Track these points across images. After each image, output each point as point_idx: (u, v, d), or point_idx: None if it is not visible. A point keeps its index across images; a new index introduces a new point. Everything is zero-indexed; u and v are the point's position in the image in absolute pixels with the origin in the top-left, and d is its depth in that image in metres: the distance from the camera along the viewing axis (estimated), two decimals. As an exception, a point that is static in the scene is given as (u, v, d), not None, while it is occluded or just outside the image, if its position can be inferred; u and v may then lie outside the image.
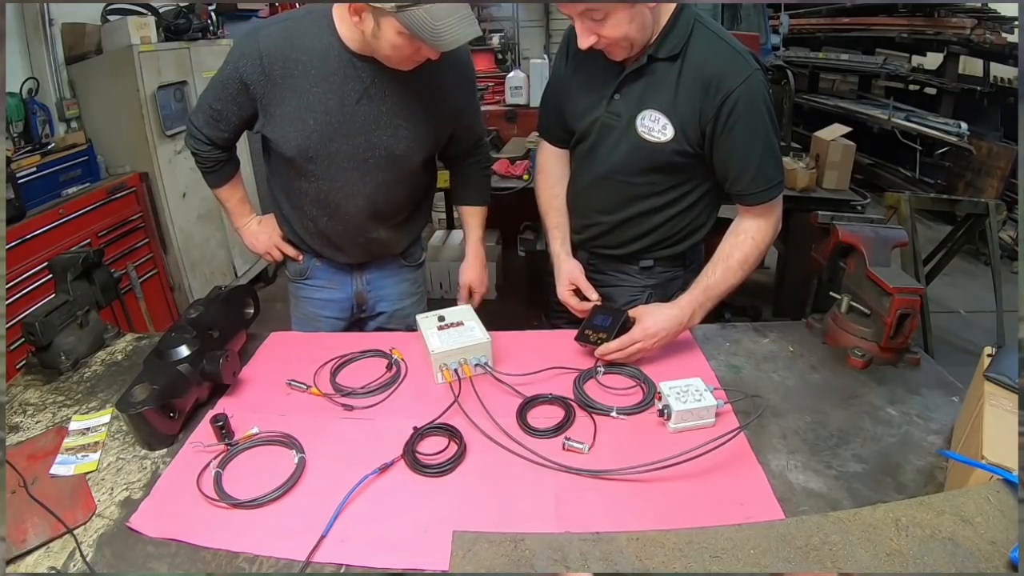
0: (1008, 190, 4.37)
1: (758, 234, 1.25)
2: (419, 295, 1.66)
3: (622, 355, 1.20)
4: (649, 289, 1.43)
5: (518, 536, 0.77)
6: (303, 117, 1.24)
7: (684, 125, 1.19)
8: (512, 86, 3.57)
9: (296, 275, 1.58)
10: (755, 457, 0.97)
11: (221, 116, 1.32)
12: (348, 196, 1.35)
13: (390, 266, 1.57)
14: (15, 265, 2.21)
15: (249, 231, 1.55)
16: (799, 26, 6.90)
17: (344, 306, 1.58)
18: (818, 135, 2.82)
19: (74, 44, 2.86)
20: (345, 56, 1.21)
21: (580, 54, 1.29)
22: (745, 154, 1.19)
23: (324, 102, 1.23)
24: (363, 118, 1.26)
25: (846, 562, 0.70)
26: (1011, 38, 4.30)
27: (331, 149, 1.28)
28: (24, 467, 0.98)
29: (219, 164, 1.44)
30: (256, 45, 1.21)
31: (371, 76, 1.23)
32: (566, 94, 1.35)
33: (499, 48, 7.60)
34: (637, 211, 1.33)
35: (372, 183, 1.34)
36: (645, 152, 1.24)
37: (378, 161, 1.31)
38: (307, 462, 0.98)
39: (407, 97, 1.27)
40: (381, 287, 1.57)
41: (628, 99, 1.23)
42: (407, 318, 1.56)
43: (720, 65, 1.15)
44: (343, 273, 1.54)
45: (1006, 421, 0.84)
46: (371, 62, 1.21)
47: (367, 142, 1.28)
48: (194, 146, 1.41)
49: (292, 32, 1.21)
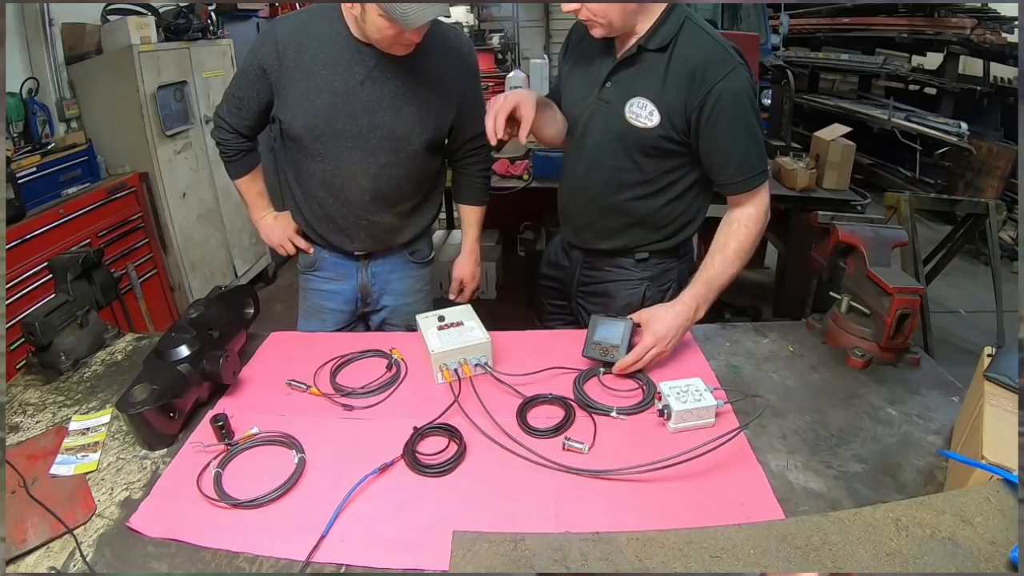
0: (1008, 190, 4.37)
1: (750, 221, 1.28)
2: (424, 293, 1.67)
3: (640, 365, 1.19)
4: (646, 281, 1.44)
5: (518, 536, 0.77)
6: (311, 97, 1.34)
7: (670, 112, 1.24)
8: (512, 86, 3.57)
9: (306, 267, 1.63)
10: (755, 457, 0.97)
11: (243, 104, 1.43)
12: (352, 176, 1.41)
13: (395, 260, 1.59)
14: (15, 265, 2.21)
15: (265, 224, 1.62)
16: (799, 26, 6.90)
17: (349, 298, 1.61)
18: (818, 135, 2.82)
19: (74, 44, 2.86)
20: (351, 42, 1.31)
21: (578, 49, 1.38)
22: (729, 144, 1.24)
23: (331, 83, 1.33)
24: (367, 99, 1.34)
25: (846, 562, 0.70)
26: (1011, 38, 4.31)
27: (336, 128, 1.35)
28: (24, 467, 0.98)
29: (241, 154, 1.52)
30: (273, 34, 1.35)
31: (374, 60, 1.32)
32: (564, 85, 1.43)
33: (499, 48, 7.62)
34: (627, 196, 1.36)
35: (375, 164, 1.40)
36: (633, 137, 1.28)
37: (380, 142, 1.38)
38: (307, 462, 0.98)
39: (409, 81, 1.35)
40: (386, 281, 1.60)
41: (618, 87, 1.28)
42: (410, 315, 1.53)
43: (706, 58, 1.20)
44: (350, 265, 1.58)
45: (1006, 421, 0.84)
46: (375, 48, 1.30)
47: (370, 122, 1.36)
48: (219, 136, 1.50)
49: (305, 22, 1.35)
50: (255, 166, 1.57)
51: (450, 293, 1.69)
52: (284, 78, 1.34)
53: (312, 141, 1.38)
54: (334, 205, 1.47)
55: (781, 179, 2.76)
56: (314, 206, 1.50)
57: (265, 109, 1.43)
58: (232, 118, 1.46)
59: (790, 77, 3.22)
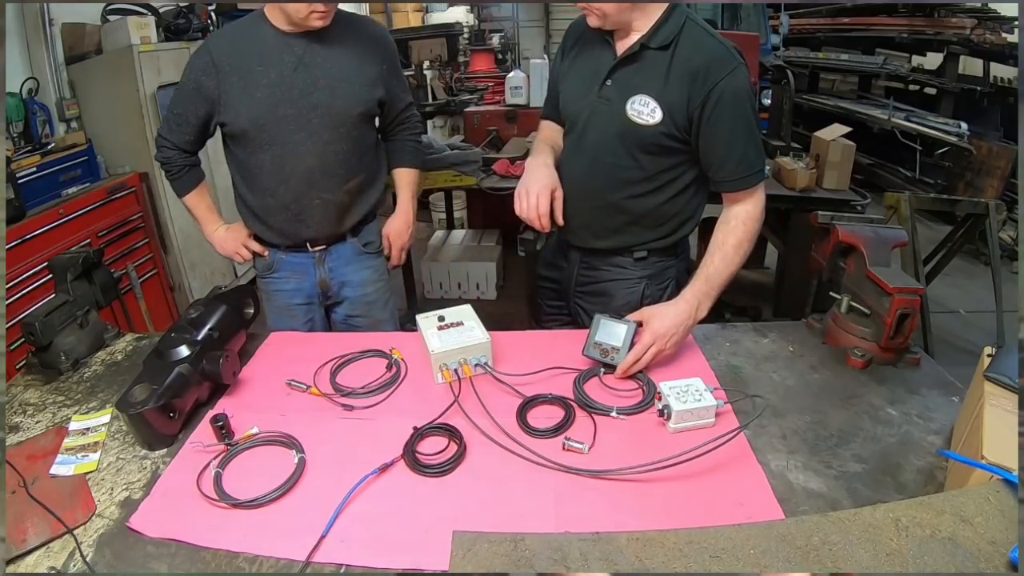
0: (1008, 190, 4.37)
1: (748, 219, 1.29)
2: (383, 283, 1.78)
3: (641, 364, 1.18)
4: (645, 280, 1.45)
5: (518, 536, 0.77)
6: (251, 92, 1.45)
7: (672, 110, 1.25)
8: (512, 86, 3.58)
9: (264, 270, 1.70)
10: (755, 457, 0.97)
11: (182, 120, 1.52)
12: (300, 157, 1.51)
13: (349, 252, 1.70)
14: (15, 265, 2.21)
15: (218, 236, 1.70)
16: (799, 26, 6.90)
17: (311, 293, 1.70)
18: (818, 135, 2.82)
19: (74, 44, 2.86)
20: (278, 36, 1.45)
21: (576, 48, 1.39)
22: (729, 141, 1.25)
23: (267, 75, 1.45)
24: (302, 83, 1.46)
25: (846, 562, 0.70)
26: (1011, 38, 4.30)
27: (278, 114, 1.46)
28: (24, 467, 0.98)
29: (185, 169, 1.61)
30: (207, 48, 1.48)
31: (302, 48, 1.45)
32: (563, 82, 1.43)
33: (499, 48, 7.62)
34: (627, 194, 1.36)
35: (319, 141, 1.51)
36: (634, 134, 1.29)
37: (321, 119, 1.49)
38: (307, 462, 0.98)
39: (336, 62, 1.49)
40: (343, 273, 1.70)
41: (619, 85, 1.29)
42: (373, 303, 1.74)
43: (709, 57, 1.22)
44: (306, 262, 1.67)
45: (1006, 421, 0.83)
46: (300, 37, 1.45)
47: (309, 103, 1.47)
48: (163, 156, 1.58)
49: (234, 31, 1.51)
50: (200, 181, 1.66)
51: (385, 252, 1.78)
52: (223, 83, 1.45)
53: (258, 132, 1.47)
54: (286, 192, 1.54)
55: (781, 179, 2.76)
56: (267, 200, 1.57)
57: (204, 124, 1.52)
58: (173, 135, 1.54)
59: (790, 77, 3.21)
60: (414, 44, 4.44)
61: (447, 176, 2.99)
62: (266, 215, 1.60)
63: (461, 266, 3.64)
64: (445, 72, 4.28)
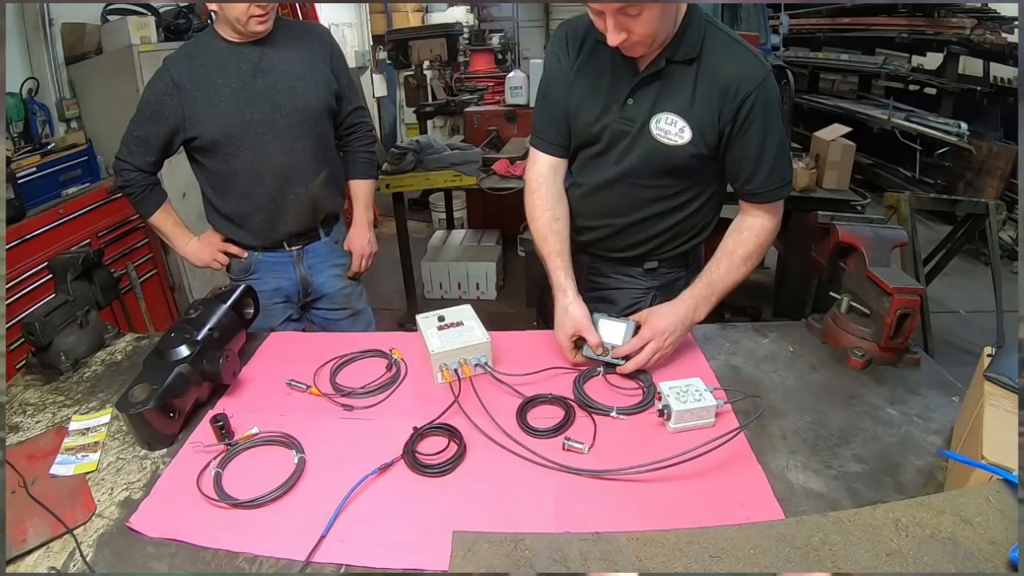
0: (1008, 190, 4.36)
1: (763, 232, 1.26)
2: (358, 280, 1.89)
3: (639, 360, 1.17)
4: (653, 291, 1.42)
5: (518, 536, 0.77)
6: (215, 103, 1.51)
7: (703, 128, 1.18)
8: (512, 86, 3.58)
9: (241, 272, 1.73)
10: (755, 457, 0.97)
11: (143, 142, 1.56)
12: (271, 156, 1.58)
13: (324, 250, 1.78)
14: (15, 265, 2.21)
15: (191, 249, 1.72)
16: (799, 26, 6.89)
17: (291, 291, 1.76)
18: (818, 135, 2.83)
19: (74, 44, 2.86)
20: (232, 48, 1.52)
21: (582, 56, 1.26)
22: (760, 153, 1.19)
23: (228, 85, 1.51)
24: (263, 88, 1.53)
25: (846, 562, 0.70)
26: (1011, 38, 4.30)
27: (245, 120, 1.53)
28: (24, 467, 0.98)
29: (147, 189, 1.63)
30: (166, 69, 1.52)
31: (257, 55, 1.53)
32: (569, 101, 1.29)
33: (499, 48, 7.61)
34: (648, 214, 1.32)
35: (288, 140, 1.58)
36: (661, 155, 1.23)
37: (287, 118, 1.56)
38: (307, 462, 0.98)
39: (290, 63, 1.57)
40: (321, 271, 1.78)
41: (641, 103, 1.21)
42: (350, 295, 1.85)
43: (738, 68, 1.15)
44: (285, 262, 1.73)
45: (1006, 421, 0.83)
46: (252, 45, 1.53)
47: (272, 105, 1.54)
48: (124, 179, 1.60)
49: (190, 50, 1.56)
50: (164, 199, 1.68)
51: (351, 270, 1.83)
52: (185, 101, 1.50)
53: (228, 140, 1.53)
54: (263, 192, 1.61)
55: (781, 179, 2.76)
56: (244, 203, 1.62)
57: (166, 144, 1.57)
58: (135, 158, 1.57)
59: (790, 77, 3.22)
60: (414, 44, 4.43)
61: (447, 176, 2.99)
62: (243, 219, 1.65)
63: (461, 266, 3.64)
64: (445, 72, 4.28)
